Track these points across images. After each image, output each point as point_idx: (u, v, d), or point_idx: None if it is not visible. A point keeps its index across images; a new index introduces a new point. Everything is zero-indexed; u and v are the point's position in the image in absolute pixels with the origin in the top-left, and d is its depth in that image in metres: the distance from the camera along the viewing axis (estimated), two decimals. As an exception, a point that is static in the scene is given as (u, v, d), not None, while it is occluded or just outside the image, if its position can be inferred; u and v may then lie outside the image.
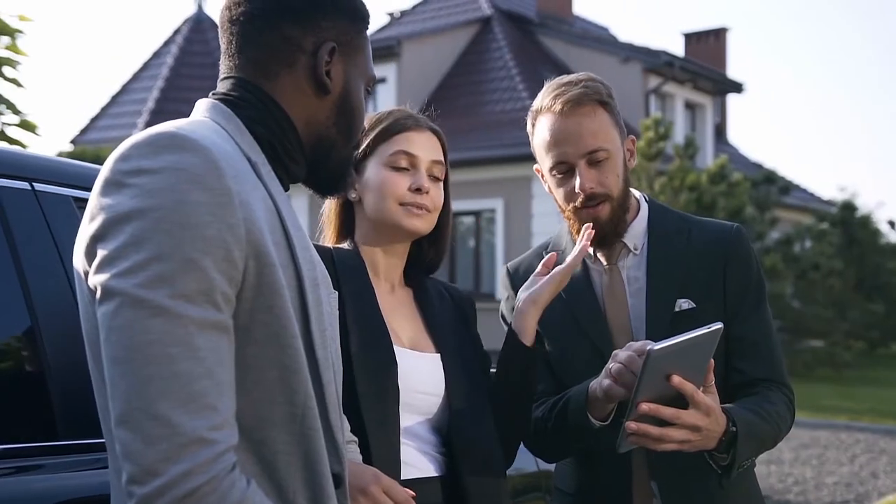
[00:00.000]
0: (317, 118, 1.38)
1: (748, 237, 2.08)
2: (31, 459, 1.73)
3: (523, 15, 21.49)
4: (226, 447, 1.12)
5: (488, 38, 20.26)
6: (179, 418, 1.08)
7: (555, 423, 1.94)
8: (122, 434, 1.09)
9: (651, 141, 13.29)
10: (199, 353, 1.11)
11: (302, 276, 1.27)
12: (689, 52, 24.47)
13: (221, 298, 1.15)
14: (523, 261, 2.20)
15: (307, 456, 1.25)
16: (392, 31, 21.64)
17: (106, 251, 1.13)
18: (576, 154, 1.94)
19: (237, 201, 1.17)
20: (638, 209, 2.07)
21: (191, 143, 1.17)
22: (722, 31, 25.00)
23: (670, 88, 19.85)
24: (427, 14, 22.13)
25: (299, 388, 1.24)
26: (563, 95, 1.95)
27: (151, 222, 1.12)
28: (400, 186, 1.86)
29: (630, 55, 19.36)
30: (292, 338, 1.23)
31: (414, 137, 1.90)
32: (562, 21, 21.72)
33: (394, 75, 18.80)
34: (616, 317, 2.00)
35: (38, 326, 1.78)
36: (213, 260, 1.13)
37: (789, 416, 1.97)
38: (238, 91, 1.35)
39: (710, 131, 21.58)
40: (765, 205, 17.12)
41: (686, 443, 1.70)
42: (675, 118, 19.73)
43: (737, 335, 1.98)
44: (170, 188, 1.13)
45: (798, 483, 7.95)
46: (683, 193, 13.48)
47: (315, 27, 1.35)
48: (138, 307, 1.10)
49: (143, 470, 1.07)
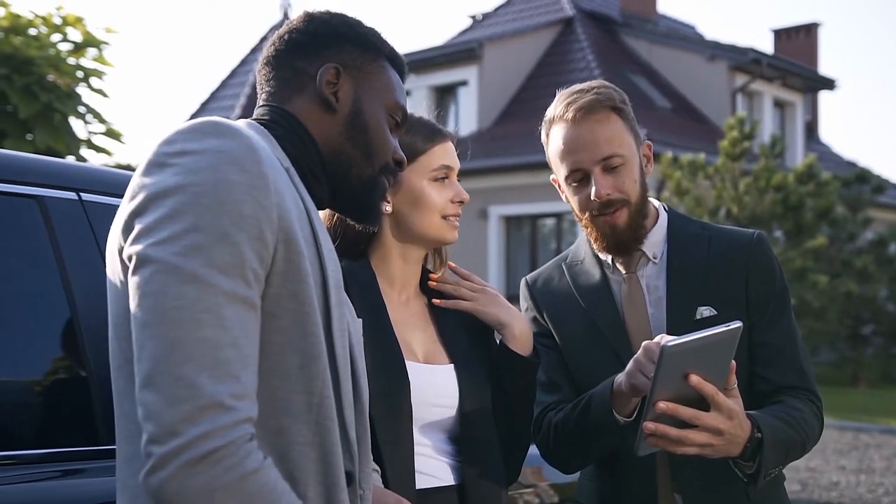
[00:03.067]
0: (330, 133, 1.48)
1: (769, 244, 2.04)
2: (74, 464, 1.78)
3: (606, 15, 21.30)
4: (246, 416, 1.15)
5: (570, 38, 20.13)
6: (203, 381, 1.12)
7: (576, 423, 1.92)
8: (147, 396, 1.13)
9: (735, 140, 13.01)
10: (226, 322, 1.15)
11: (327, 274, 1.33)
12: (778, 48, 23.94)
13: (252, 275, 1.20)
14: (542, 272, 2.19)
15: (322, 447, 1.28)
16: (474, 33, 21.68)
17: (144, 224, 1.19)
18: (590, 161, 1.93)
19: (272, 187, 1.24)
20: (657, 218, 2.05)
21: (233, 131, 1.26)
22: (813, 26, 24.37)
23: (758, 86, 19.43)
24: (509, 16, 22.10)
25: (318, 376, 1.28)
26: (575, 103, 1.95)
27: (190, 196, 1.18)
28: (443, 200, 1.89)
29: (716, 53, 19.02)
30: (314, 325, 1.28)
31: (449, 148, 1.93)
32: (646, 20, 21.45)
33: (475, 78, 18.84)
34: (636, 326, 1.98)
35: (81, 335, 1.82)
36: (246, 237, 1.19)
37: (817, 424, 1.92)
38: (269, 115, 1.48)
39: (800, 130, 21.06)
40: (857, 205, 16.57)
41: (707, 447, 1.66)
42: (764, 117, 19.32)
43: (761, 342, 1.95)
44: (210, 167, 1.21)
45: (889, 493, 7.69)
46: (769, 194, 13.16)
47: (319, 56, 1.49)
48: (172, 274, 1.15)
49: (164, 430, 1.10)
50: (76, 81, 7.74)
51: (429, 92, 19.47)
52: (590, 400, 1.89)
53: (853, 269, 15.00)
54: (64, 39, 8.35)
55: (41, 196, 1.89)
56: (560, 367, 2.05)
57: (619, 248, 1.98)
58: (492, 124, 18.77)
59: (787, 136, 20.25)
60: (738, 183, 13.32)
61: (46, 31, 8.27)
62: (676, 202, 13.51)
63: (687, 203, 13.31)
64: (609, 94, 1.97)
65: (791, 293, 2.09)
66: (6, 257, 1.85)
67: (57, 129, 7.94)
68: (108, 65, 8.48)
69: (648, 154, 2.04)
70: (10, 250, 1.86)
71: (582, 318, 2.02)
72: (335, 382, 1.32)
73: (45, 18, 8.36)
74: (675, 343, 1.56)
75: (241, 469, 1.13)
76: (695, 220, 2.12)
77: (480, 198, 16.40)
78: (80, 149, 7.86)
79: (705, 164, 13.50)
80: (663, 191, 14.20)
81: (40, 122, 7.68)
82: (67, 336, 1.85)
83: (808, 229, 13.61)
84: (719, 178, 13.52)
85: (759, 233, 2.03)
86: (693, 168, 13.43)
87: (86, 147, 8.12)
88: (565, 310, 2.07)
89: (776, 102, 20.46)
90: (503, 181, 16.04)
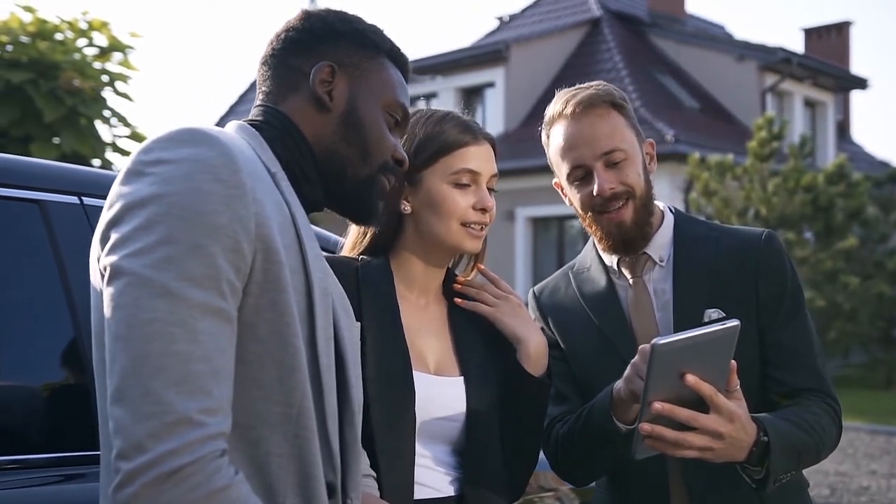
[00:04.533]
0: (323, 133, 1.45)
1: (781, 244, 1.98)
2: (75, 468, 1.77)
3: (634, 15, 21.17)
4: (216, 431, 1.13)
5: (598, 39, 20.03)
6: (171, 397, 1.10)
7: (580, 434, 1.87)
8: (116, 410, 1.11)
9: (764, 141, 12.88)
10: (199, 336, 1.14)
11: (312, 282, 1.30)
12: (809, 47, 23.67)
13: (227, 287, 1.18)
14: (549, 283, 2.15)
15: (301, 459, 1.26)
16: (500, 35, 21.63)
17: (119, 234, 1.18)
18: (592, 156, 1.89)
19: (250, 196, 1.21)
20: (662, 219, 2.00)
21: (210, 139, 1.23)
22: (845, 24, 24.07)
23: (788, 86, 19.23)
24: (536, 17, 22.04)
25: (297, 387, 1.25)
26: (574, 98, 1.92)
27: (164, 207, 1.16)
28: (463, 206, 1.80)
29: (745, 53, 18.83)
30: (293, 336, 1.25)
31: (476, 152, 1.83)
32: (674, 20, 21.30)
33: (502, 80, 18.81)
34: (643, 331, 1.92)
35: (81, 339, 1.82)
36: (221, 248, 1.17)
37: (834, 428, 1.86)
38: (262, 116, 1.46)
39: (831, 130, 20.81)
40: (889, 205, 16.34)
41: (708, 451, 1.61)
42: (794, 117, 19.11)
43: (773, 344, 1.89)
44: (185, 177, 1.18)
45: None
46: (798, 194, 13.01)
47: (313, 54, 1.46)
48: (145, 286, 1.13)
49: (131, 445, 1.09)
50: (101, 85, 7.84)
51: (455, 94, 19.45)
52: (591, 409, 1.85)
53: (885, 271, 14.78)
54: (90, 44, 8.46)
55: (42, 200, 1.89)
56: (568, 379, 2.01)
57: (625, 246, 1.93)
58: (518, 126, 18.71)
59: (817, 137, 20.03)
60: (767, 184, 13.18)
61: (72, 35, 8.38)
62: (704, 203, 13.41)
63: (715, 204, 13.20)
64: (608, 90, 1.94)
65: (822, 295, 2.03)
66: (7, 261, 1.85)
67: (82, 133, 8.02)
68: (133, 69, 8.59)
69: (651, 152, 2.00)
70: (11, 254, 1.86)
71: (589, 326, 1.98)
72: (318, 393, 1.29)
73: (72, 23, 8.46)
74: (666, 341, 1.51)
75: (210, 486, 1.11)
76: (702, 220, 2.07)
77: (507, 199, 16.35)
78: (105, 152, 7.94)
79: (733, 165, 13.38)
80: (691, 192, 14.09)
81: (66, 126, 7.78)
82: (68, 340, 1.84)
83: (838, 230, 13.45)
84: (748, 178, 13.39)
85: (768, 231, 1.97)
86: (721, 169, 13.31)
87: (111, 150, 8.20)
88: (572, 319, 2.02)
89: (807, 102, 20.24)
90: (530, 182, 15.97)
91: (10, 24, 7.96)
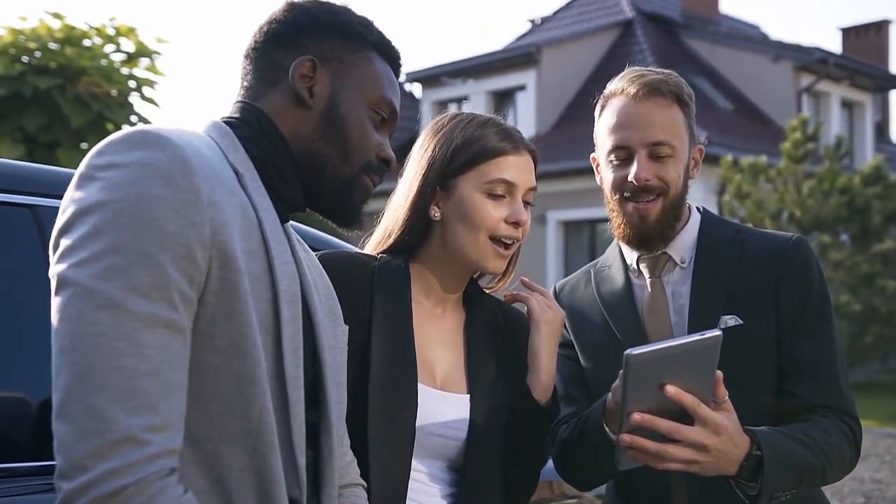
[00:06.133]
0: (302, 130, 1.39)
1: (810, 250, 1.88)
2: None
3: (667, 16, 21.02)
4: (160, 450, 1.08)
5: (630, 41, 19.90)
6: (114, 414, 1.06)
7: (577, 441, 1.82)
8: (58, 427, 1.08)
9: (798, 142, 12.71)
10: (145, 350, 1.09)
11: (278, 289, 1.25)
12: (847, 47, 23.37)
13: (178, 297, 1.13)
14: (571, 280, 2.09)
15: (260, 474, 1.21)
16: (532, 37, 21.56)
17: (68, 242, 1.13)
18: (640, 141, 1.82)
19: (205, 201, 1.16)
20: (687, 220, 1.92)
21: (163, 141, 1.17)
22: (884, 23, 23.74)
23: (824, 87, 18.98)
24: (568, 20, 21.94)
25: (256, 401, 1.20)
26: (642, 79, 1.83)
27: (111, 214, 1.12)
28: (495, 217, 1.71)
29: (780, 53, 18.63)
30: (252, 347, 1.20)
31: (515, 163, 1.74)
32: (708, 21, 21.13)
33: (533, 82, 18.75)
34: (657, 333, 1.85)
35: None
36: (171, 256, 1.12)
37: (847, 447, 1.76)
38: (238, 113, 1.41)
39: (869, 130, 20.51)
40: (929, 207, 16.08)
41: (693, 463, 1.54)
42: (831, 118, 18.87)
43: (791, 356, 1.80)
44: (134, 182, 1.13)
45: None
46: (833, 196, 12.82)
47: (296, 47, 1.40)
48: (88, 298, 1.09)
49: (71, 465, 1.05)
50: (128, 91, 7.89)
51: (486, 97, 19.40)
52: (587, 417, 1.79)
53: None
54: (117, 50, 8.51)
55: (34, 205, 1.86)
56: (578, 380, 1.95)
57: (640, 241, 1.86)
58: (550, 129, 18.63)
59: (855, 138, 19.75)
60: (802, 186, 13.00)
61: (100, 41, 8.44)
62: (737, 205, 13.25)
63: (748, 206, 13.05)
64: (678, 82, 1.86)
65: (858, 299, 1.94)
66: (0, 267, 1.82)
67: (110, 139, 8.11)
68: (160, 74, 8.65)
69: (698, 158, 1.92)
70: (4, 260, 1.84)
71: (602, 326, 1.92)
72: (283, 407, 1.25)
73: (100, 30, 8.51)
74: (639, 352, 1.46)
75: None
76: (730, 222, 1.98)
77: (539, 203, 15.92)
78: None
79: (766, 167, 13.21)
80: (724, 194, 13.93)
81: (92, 132, 7.83)
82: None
83: (875, 232, 13.25)
84: (781, 180, 13.21)
85: (798, 236, 1.88)
86: (754, 171, 13.15)
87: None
88: (587, 318, 1.96)
89: (844, 103, 19.96)
90: (562, 186, 15.88)
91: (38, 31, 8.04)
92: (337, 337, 1.46)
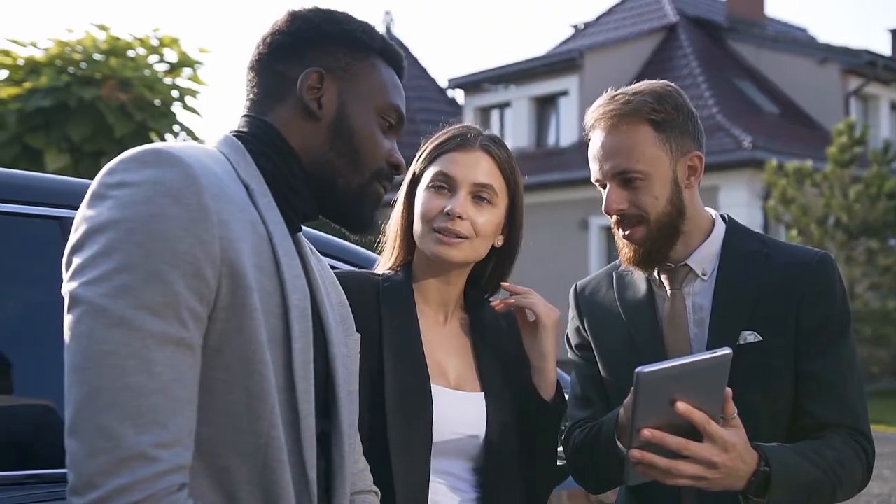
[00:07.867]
0: (313, 143, 1.40)
1: (835, 268, 1.85)
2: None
3: (712, 20, 20.82)
4: (170, 466, 1.10)
5: (674, 45, 19.75)
6: (124, 431, 1.07)
7: (590, 449, 1.83)
8: (70, 443, 1.10)
9: (844, 146, 12.52)
10: (154, 367, 1.10)
11: (289, 304, 1.26)
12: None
13: (188, 315, 1.14)
14: (592, 280, 2.08)
15: (269, 490, 1.22)
16: (575, 43, 21.49)
17: (80, 260, 1.15)
18: (607, 173, 1.83)
19: (215, 219, 1.17)
20: (710, 231, 1.89)
21: (173, 159, 1.19)
22: (934, 25, 23.27)
23: (873, 90, 18.68)
24: (611, 24, 21.83)
25: (264, 417, 1.22)
26: (606, 108, 1.83)
27: (123, 233, 1.13)
28: (432, 209, 1.77)
29: (827, 56, 18.37)
30: (260, 364, 1.21)
31: (458, 158, 1.79)
32: (753, 24, 20.88)
33: (576, 88, 18.67)
34: (676, 346, 1.84)
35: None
36: (181, 274, 1.13)
37: (858, 466, 1.74)
38: (248, 127, 1.41)
39: (919, 133, 20.13)
40: (981, 213, 15.74)
41: (702, 479, 1.55)
42: (879, 121, 18.57)
43: (808, 373, 1.78)
44: (145, 201, 1.15)
45: None
46: (881, 201, 12.61)
47: (301, 59, 1.40)
48: (99, 316, 1.10)
49: (82, 481, 1.07)
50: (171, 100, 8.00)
51: (529, 103, 19.38)
52: (599, 429, 1.81)
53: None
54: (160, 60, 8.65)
55: (64, 217, 1.90)
56: (595, 383, 1.96)
57: (642, 263, 1.86)
58: (593, 134, 18.55)
59: (905, 141, 19.42)
60: (848, 190, 12.80)
61: (144, 52, 8.56)
62: (782, 211, 13.09)
63: (793, 212, 12.88)
64: (642, 102, 1.80)
65: None
66: (28, 279, 1.86)
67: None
68: (202, 83, 8.78)
69: (695, 165, 1.86)
70: (33, 272, 1.87)
71: (622, 332, 1.91)
72: (293, 421, 1.26)
73: (143, 40, 8.64)
74: (650, 370, 1.47)
75: None
76: (757, 234, 1.95)
77: (581, 208, 16.19)
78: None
79: (812, 171, 13.04)
80: (769, 199, 13.77)
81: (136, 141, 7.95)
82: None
83: (925, 238, 13.01)
84: (827, 185, 13.02)
85: (823, 254, 1.85)
86: (799, 175, 12.98)
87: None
88: (607, 322, 1.96)
89: (893, 106, 19.61)
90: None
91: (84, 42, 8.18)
92: (349, 346, 1.47)
